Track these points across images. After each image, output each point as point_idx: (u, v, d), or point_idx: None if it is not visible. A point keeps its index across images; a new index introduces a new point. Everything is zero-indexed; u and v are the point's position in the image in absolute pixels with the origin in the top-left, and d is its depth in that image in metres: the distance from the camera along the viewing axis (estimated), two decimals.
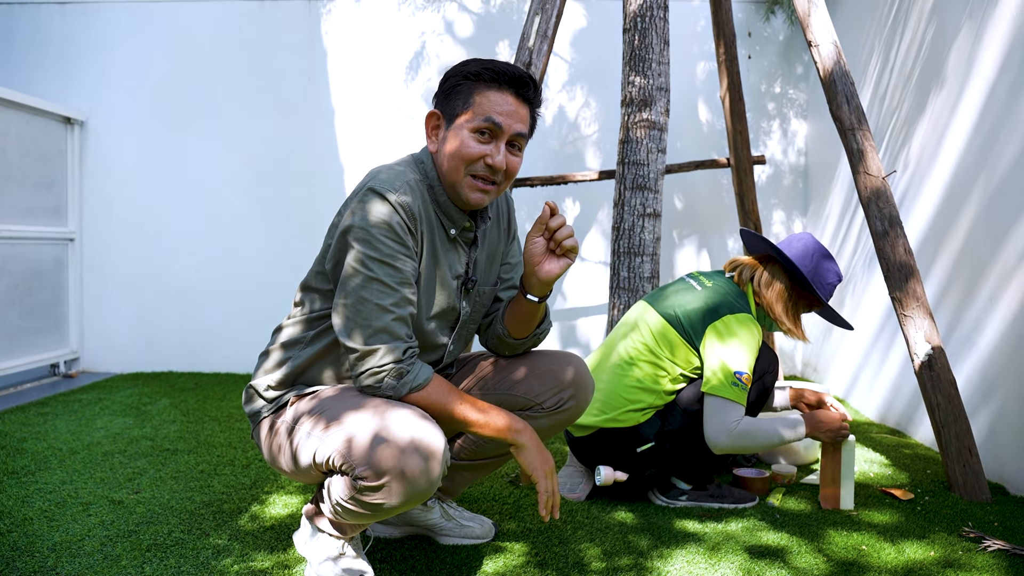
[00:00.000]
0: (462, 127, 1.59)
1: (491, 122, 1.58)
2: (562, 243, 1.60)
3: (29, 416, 3.25)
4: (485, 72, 1.59)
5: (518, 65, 1.65)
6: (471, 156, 1.59)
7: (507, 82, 1.59)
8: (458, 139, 1.60)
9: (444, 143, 1.63)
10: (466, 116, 1.59)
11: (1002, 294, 2.49)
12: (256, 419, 1.73)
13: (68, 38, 4.44)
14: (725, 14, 3.68)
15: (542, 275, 1.63)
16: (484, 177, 1.61)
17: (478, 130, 1.59)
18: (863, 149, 2.50)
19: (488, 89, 1.59)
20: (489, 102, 1.59)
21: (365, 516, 1.54)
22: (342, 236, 1.56)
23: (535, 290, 1.68)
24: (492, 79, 1.59)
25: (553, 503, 1.62)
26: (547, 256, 1.63)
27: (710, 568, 1.82)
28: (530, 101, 1.64)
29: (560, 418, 1.80)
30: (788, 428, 2.14)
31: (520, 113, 1.61)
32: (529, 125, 1.66)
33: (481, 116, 1.58)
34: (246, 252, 4.48)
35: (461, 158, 1.59)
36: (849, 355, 3.79)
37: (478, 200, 1.63)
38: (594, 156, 4.48)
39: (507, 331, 1.78)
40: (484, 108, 1.58)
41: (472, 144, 1.59)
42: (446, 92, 1.63)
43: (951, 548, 1.95)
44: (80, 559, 1.80)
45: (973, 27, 2.70)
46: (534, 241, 1.63)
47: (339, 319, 1.55)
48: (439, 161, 1.64)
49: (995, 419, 2.52)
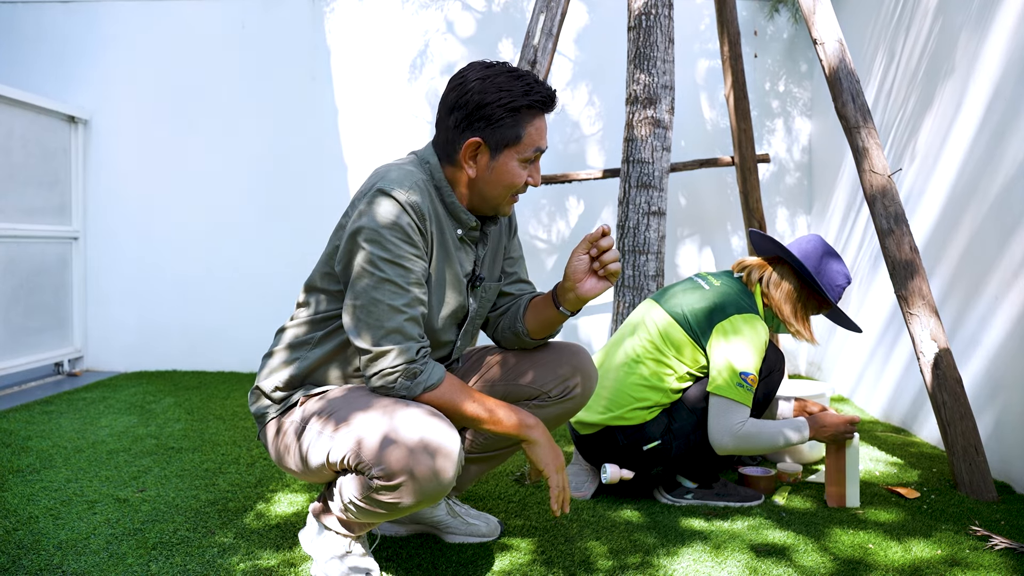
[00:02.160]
0: (513, 159, 1.62)
1: (540, 151, 1.64)
2: (607, 266, 1.63)
3: (34, 414, 3.25)
4: (533, 103, 1.60)
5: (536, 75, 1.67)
6: (520, 184, 1.65)
7: (541, 107, 1.62)
8: (508, 170, 1.63)
9: (490, 171, 1.63)
10: (517, 148, 1.62)
11: (1008, 292, 2.48)
12: (263, 420, 1.72)
13: (72, 37, 4.45)
14: (729, 12, 3.68)
15: (581, 292, 1.65)
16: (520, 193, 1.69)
17: (528, 160, 1.63)
18: (868, 147, 2.50)
19: (534, 119, 1.62)
20: (537, 132, 1.62)
21: (378, 515, 1.54)
22: (352, 237, 1.55)
23: (569, 304, 1.70)
24: (539, 108, 1.62)
25: (564, 498, 1.62)
26: (589, 275, 1.66)
27: (716, 566, 1.81)
28: None
29: (567, 406, 1.81)
30: (792, 430, 2.14)
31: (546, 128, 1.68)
32: None
33: (531, 148, 1.62)
34: (250, 250, 4.48)
35: (510, 186, 1.64)
36: (854, 353, 3.78)
37: (509, 212, 1.72)
38: (598, 154, 4.48)
39: (527, 331, 1.79)
40: (533, 139, 1.62)
41: (521, 173, 1.64)
42: (490, 122, 1.59)
43: (957, 546, 1.94)
44: (86, 557, 1.80)
45: (979, 23, 2.70)
46: (579, 258, 1.64)
47: (350, 320, 1.55)
48: (479, 186, 1.65)
49: (1001, 417, 2.52)
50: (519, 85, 1.59)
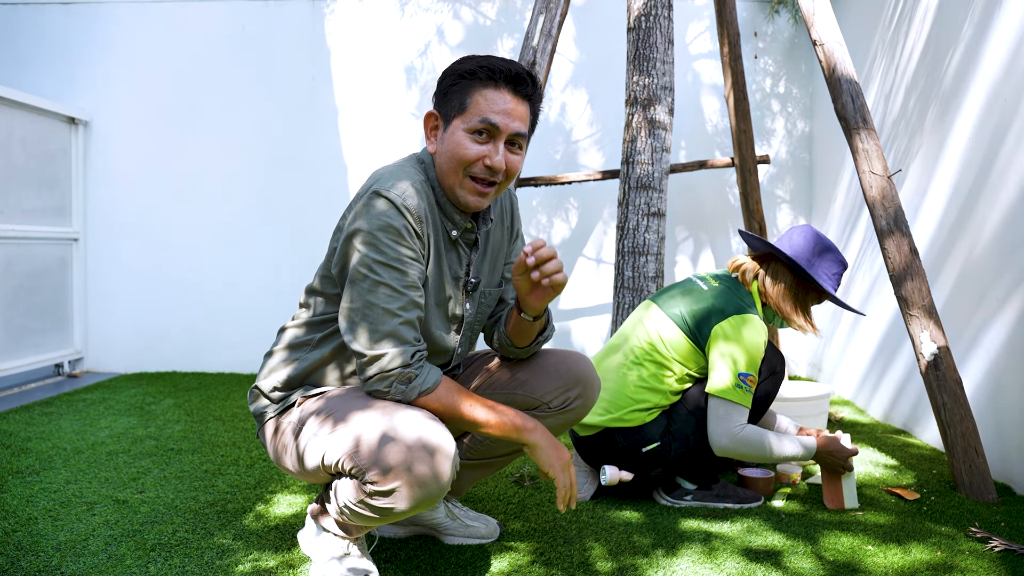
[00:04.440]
0: (459, 128, 1.55)
1: (488, 123, 1.53)
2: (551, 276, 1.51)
3: (33, 416, 3.25)
4: (481, 70, 1.53)
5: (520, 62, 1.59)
6: (469, 158, 1.55)
7: (504, 79, 1.54)
8: (455, 141, 1.55)
9: (444, 143, 1.58)
10: (462, 117, 1.54)
11: (1009, 294, 2.48)
12: (262, 420, 1.72)
13: (72, 38, 4.45)
14: (729, 13, 3.68)
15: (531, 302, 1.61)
16: (482, 179, 1.57)
17: (475, 131, 1.54)
18: (867, 148, 2.50)
19: (485, 88, 1.54)
20: (486, 101, 1.53)
21: (373, 519, 1.54)
22: (348, 240, 1.54)
23: (529, 310, 1.66)
24: (488, 77, 1.53)
25: (571, 496, 1.61)
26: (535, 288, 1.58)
27: (715, 568, 1.81)
28: (529, 98, 1.58)
29: (567, 417, 1.79)
30: (794, 445, 2.14)
31: (518, 111, 1.56)
32: (529, 123, 1.61)
33: (477, 117, 1.53)
34: (249, 252, 4.48)
35: (459, 160, 1.55)
36: (855, 355, 3.78)
37: (476, 203, 1.60)
38: (598, 155, 4.47)
39: (509, 339, 1.77)
40: (480, 108, 1.53)
41: (470, 146, 1.54)
42: (443, 91, 1.58)
43: (957, 548, 1.94)
44: (84, 558, 1.80)
45: (979, 25, 2.69)
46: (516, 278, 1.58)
47: (346, 323, 1.54)
48: (438, 163, 1.60)
49: (1001, 419, 2.51)
50: (481, 59, 1.55)
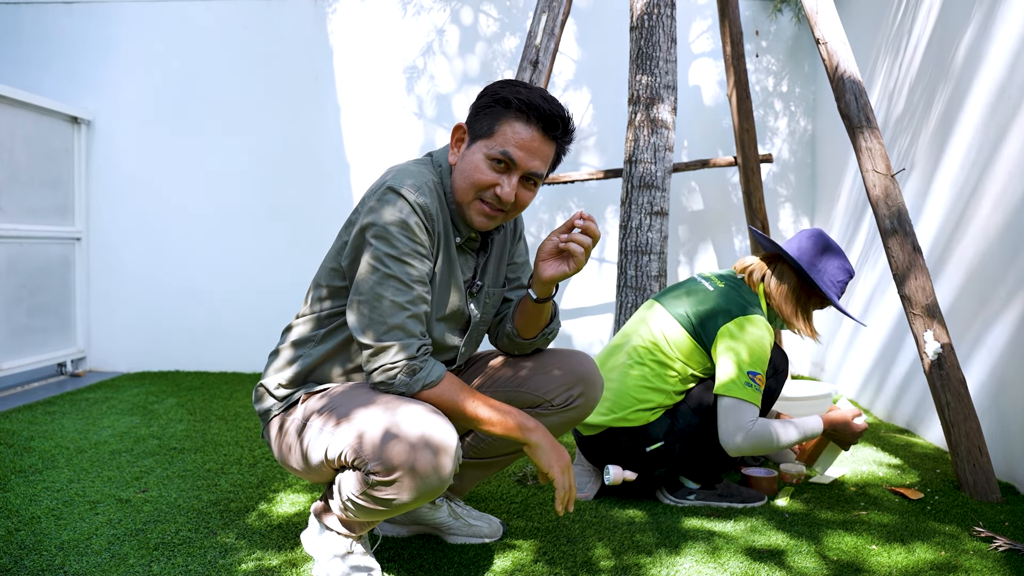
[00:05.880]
0: (480, 151, 1.58)
1: (507, 156, 1.56)
2: (568, 243, 1.58)
3: (36, 415, 3.25)
4: (518, 102, 1.55)
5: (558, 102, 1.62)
6: (483, 183, 1.58)
7: (537, 117, 1.55)
8: (473, 162, 1.58)
9: (463, 160, 1.61)
10: (487, 141, 1.57)
11: (1013, 293, 2.47)
12: (266, 418, 1.73)
13: (75, 37, 4.46)
14: (732, 12, 3.67)
15: (539, 271, 1.64)
16: (491, 204, 1.60)
17: (494, 159, 1.57)
18: (870, 146, 2.49)
19: (516, 120, 1.56)
20: (514, 133, 1.55)
21: (376, 512, 1.54)
22: (360, 233, 1.56)
23: (536, 288, 1.68)
24: (521, 110, 1.55)
25: (569, 498, 1.61)
26: (554, 256, 1.63)
27: (718, 567, 1.81)
28: (557, 140, 1.60)
29: (570, 415, 1.80)
30: (799, 427, 2.15)
31: (542, 151, 1.58)
32: (551, 162, 1.63)
33: (500, 147, 1.56)
34: (252, 250, 4.49)
35: (473, 182, 1.58)
36: (858, 354, 3.77)
37: (482, 224, 1.63)
38: (600, 154, 4.47)
39: (516, 330, 1.78)
40: (506, 139, 1.55)
41: (486, 171, 1.57)
42: (476, 109, 1.61)
43: (961, 548, 1.94)
44: (88, 558, 1.80)
45: (983, 23, 2.69)
46: (551, 238, 1.62)
47: (354, 316, 1.55)
48: (454, 175, 1.63)
49: (1006, 418, 2.51)
50: (521, 89, 1.57)
